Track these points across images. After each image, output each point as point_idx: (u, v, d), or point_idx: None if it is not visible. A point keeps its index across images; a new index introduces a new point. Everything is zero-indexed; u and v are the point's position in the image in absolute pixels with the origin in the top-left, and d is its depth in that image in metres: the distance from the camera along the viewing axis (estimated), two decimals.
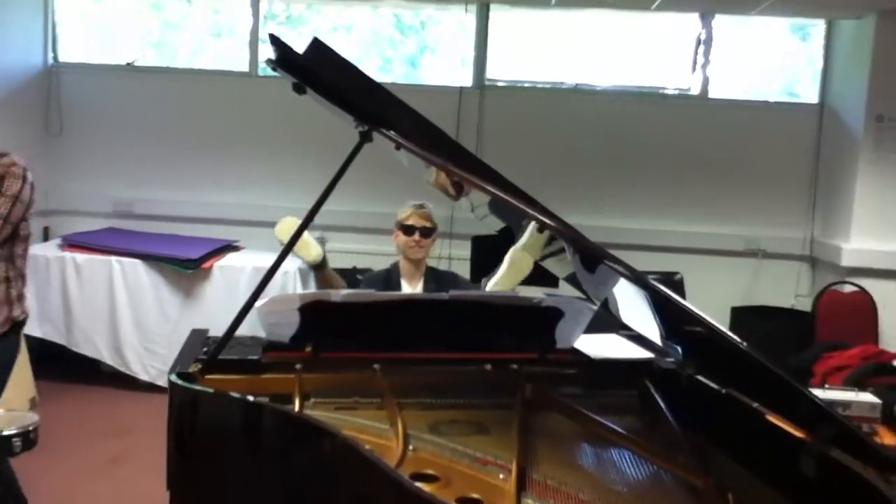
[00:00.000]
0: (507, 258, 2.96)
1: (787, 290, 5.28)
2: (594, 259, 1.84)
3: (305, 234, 3.17)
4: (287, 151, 5.42)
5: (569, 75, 5.53)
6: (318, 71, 1.89)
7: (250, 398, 1.98)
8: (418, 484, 1.70)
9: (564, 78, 5.54)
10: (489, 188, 1.84)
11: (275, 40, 1.88)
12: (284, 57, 1.88)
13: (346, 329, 2.31)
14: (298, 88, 1.95)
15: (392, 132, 1.92)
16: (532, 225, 2.50)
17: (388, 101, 1.94)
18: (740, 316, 5.11)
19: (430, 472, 1.81)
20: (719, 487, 1.74)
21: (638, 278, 1.67)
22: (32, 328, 4.71)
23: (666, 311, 1.92)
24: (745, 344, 1.55)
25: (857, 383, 3.87)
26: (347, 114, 1.98)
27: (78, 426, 4.22)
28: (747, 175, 5.32)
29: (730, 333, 1.69)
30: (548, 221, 1.81)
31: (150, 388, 4.68)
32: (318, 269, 3.33)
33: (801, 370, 4.22)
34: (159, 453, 2.09)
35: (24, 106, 5.34)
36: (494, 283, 3.06)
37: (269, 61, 1.92)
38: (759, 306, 5.19)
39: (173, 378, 2.02)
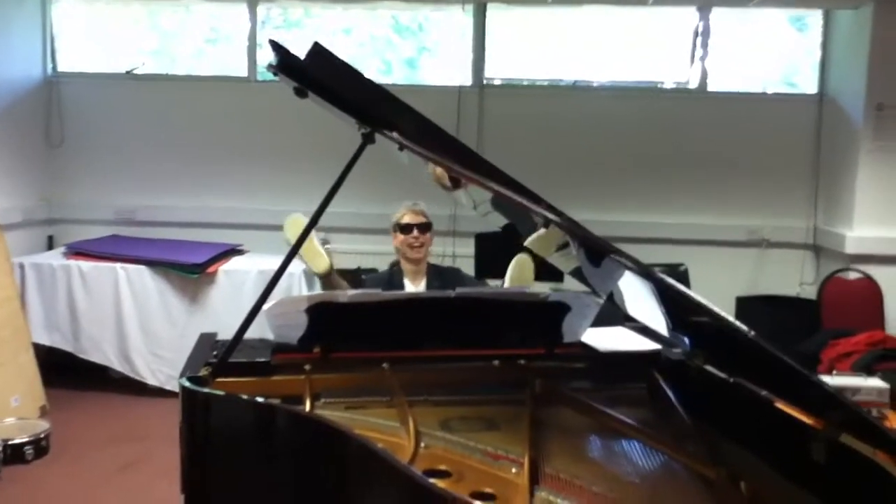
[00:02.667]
0: (509, 268, 2.97)
1: (792, 278, 5.29)
2: (600, 253, 1.84)
3: (316, 243, 3.20)
4: (288, 154, 5.43)
5: (567, 72, 5.53)
6: (319, 74, 1.90)
7: (260, 400, 2.00)
8: (431, 480, 1.71)
9: (563, 75, 5.54)
10: (494, 186, 1.85)
11: (275, 45, 1.89)
12: (285, 62, 1.89)
13: (353, 329, 2.33)
14: (300, 92, 1.96)
15: (394, 133, 1.93)
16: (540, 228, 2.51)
17: (389, 102, 1.95)
18: (746, 305, 5.12)
19: (442, 467, 1.83)
20: (731, 477, 1.75)
21: (645, 271, 1.68)
22: (40, 336, 4.74)
23: (672, 302, 1.92)
24: (752, 333, 1.55)
25: (865, 369, 3.88)
26: (349, 116, 1.99)
27: (89, 433, 4.23)
28: (749, 166, 5.32)
29: (737, 322, 1.69)
30: (553, 217, 1.82)
31: (160, 392, 4.69)
32: (325, 277, 3.34)
33: (808, 357, 4.23)
34: (172, 458, 2.11)
35: (24, 117, 5.35)
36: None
37: (269, 66, 1.93)
38: (765, 295, 5.20)
39: (184, 382, 2.03)
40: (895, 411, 3.11)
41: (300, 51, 1.92)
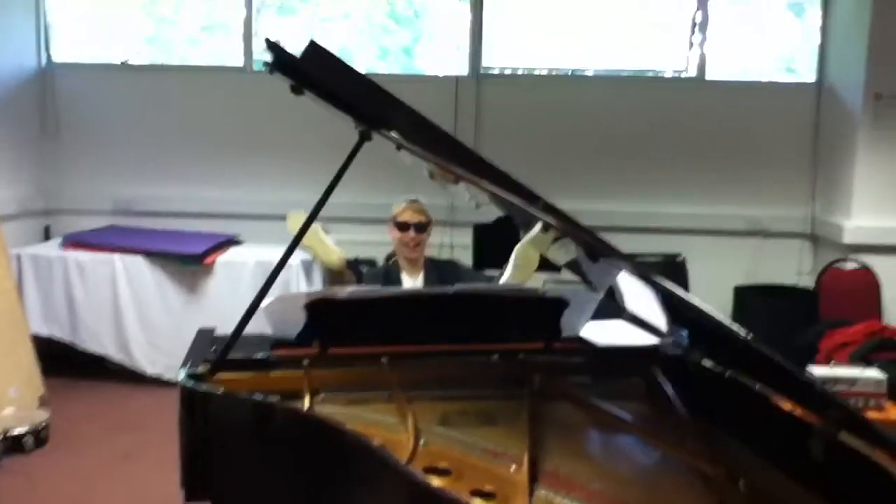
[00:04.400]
0: (513, 256, 2.95)
1: (790, 268, 5.29)
2: (600, 254, 1.84)
3: (326, 239, 3.18)
4: (285, 144, 5.41)
5: (565, 61, 5.51)
6: (315, 74, 1.89)
7: (260, 397, 2.00)
8: (431, 478, 1.72)
9: (561, 64, 5.52)
10: (492, 188, 1.84)
11: (271, 45, 1.87)
12: (281, 61, 1.88)
13: (352, 325, 2.33)
14: (296, 90, 1.95)
15: (392, 132, 1.92)
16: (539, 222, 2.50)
17: (386, 100, 1.93)
18: (743, 295, 5.13)
19: (442, 465, 1.83)
20: (730, 474, 1.75)
21: (643, 275, 1.68)
22: (38, 327, 4.74)
23: (671, 303, 1.92)
24: (750, 335, 1.55)
25: (863, 359, 3.89)
26: (346, 115, 1.99)
27: (88, 423, 4.24)
28: (747, 155, 5.31)
29: (733, 326, 1.69)
30: (551, 221, 1.82)
31: (158, 382, 4.70)
32: (339, 271, 3.27)
33: (805, 347, 4.23)
34: (170, 448, 2.11)
35: (19, 107, 5.32)
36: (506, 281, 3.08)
37: (265, 64, 1.92)
38: (762, 285, 5.20)
39: (184, 380, 2.03)
40: (893, 402, 3.13)
41: (296, 38, 1.90)
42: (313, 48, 1.86)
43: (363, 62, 5.53)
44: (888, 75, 4.80)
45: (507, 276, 3.03)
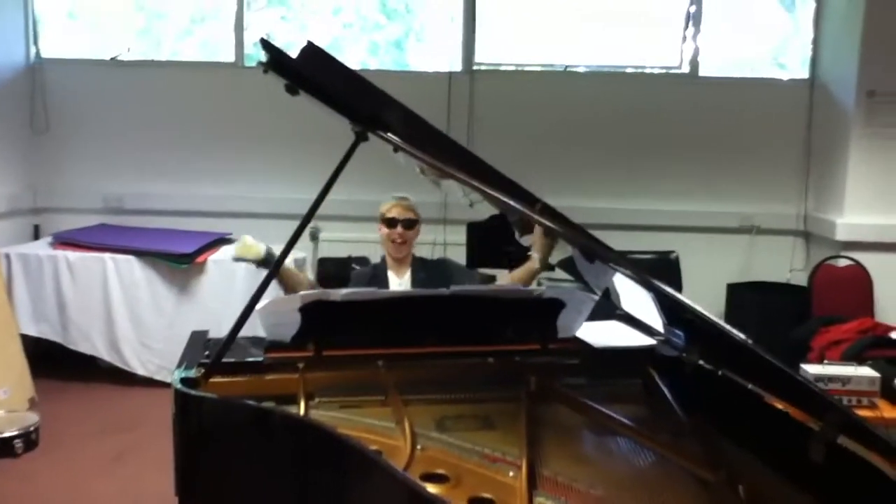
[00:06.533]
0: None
1: (782, 265, 5.30)
2: (598, 258, 1.82)
3: (247, 236, 3.12)
4: (277, 141, 5.38)
5: (558, 57, 5.49)
6: (311, 74, 1.86)
7: (254, 403, 1.98)
8: (429, 485, 1.70)
9: (554, 59, 5.50)
10: (489, 191, 1.82)
11: (266, 44, 1.85)
12: (277, 61, 1.85)
13: (347, 327, 2.31)
14: (292, 90, 1.92)
15: (388, 134, 1.91)
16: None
17: (383, 101, 1.91)
18: (736, 292, 5.13)
19: (440, 471, 1.82)
20: (730, 479, 1.74)
21: (644, 280, 1.67)
22: (28, 327, 4.70)
23: (668, 305, 1.91)
24: (749, 341, 1.54)
25: (856, 357, 3.89)
26: (342, 116, 1.97)
27: (79, 424, 4.21)
28: (740, 152, 5.31)
29: (730, 328, 1.68)
30: (548, 224, 1.80)
31: (149, 382, 4.67)
32: (264, 265, 3.12)
33: (798, 345, 4.24)
34: (163, 448, 2.10)
35: (8, 104, 5.26)
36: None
37: (260, 64, 1.89)
38: (755, 282, 5.20)
39: (177, 385, 2.01)
40: (886, 400, 3.12)
41: (284, 33, 1.88)
42: (311, 49, 1.84)
43: (354, 57, 5.50)
44: (881, 72, 4.80)
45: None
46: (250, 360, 2.26)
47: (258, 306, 2.19)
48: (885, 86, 4.80)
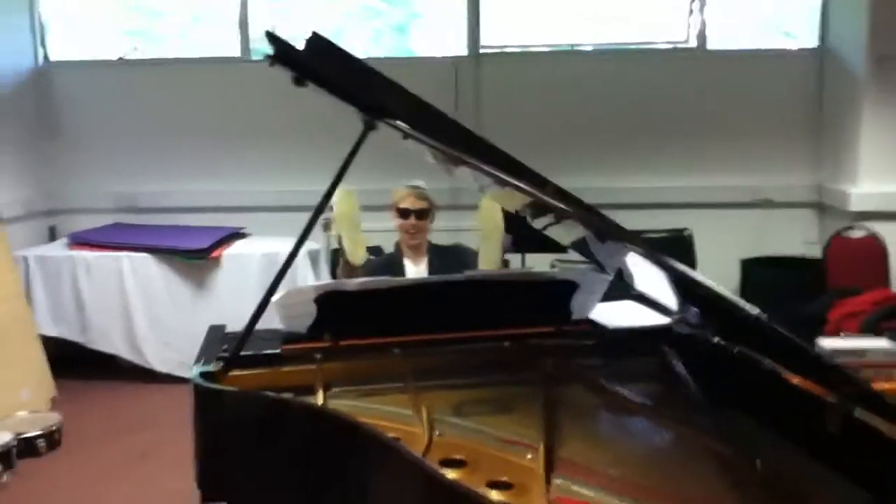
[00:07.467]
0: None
1: (796, 238, 5.25)
2: (610, 238, 1.82)
3: (360, 229, 3.16)
4: (286, 134, 5.38)
5: (564, 36, 5.45)
6: (318, 65, 1.86)
7: (274, 395, 2.00)
8: (446, 470, 1.71)
9: (560, 40, 5.47)
10: (504, 176, 1.82)
11: (272, 37, 1.85)
12: (283, 53, 1.85)
13: (363, 316, 2.32)
14: (299, 82, 1.92)
15: (397, 122, 1.91)
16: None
17: (390, 89, 1.91)
18: (750, 267, 5.10)
19: (458, 457, 1.83)
20: (747, 454, 1.74)
21: (657, 259, 1.67)
22: (48, 328, 4.74)
23: (681, 283, 1.91)
24: (765, 316, 1.54)
25: (872, 329, 3.88)
26: (351, 105, 1.97)
27: (100, 423, 4.25)
28: (750, 125, 5.26)
29: (744, 303, 1.68)
30: (560, 205, 1.80)
31: (169, 379, 4.70)
32: (353, 268, 3.23)
33: (814, 318, 4.22)
34: (185, 446, 2.11)
35: (18, 107, 5.29)
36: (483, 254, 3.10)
37: (267, 57, 1.90)
38: (769, 256, 5.17)
39: (197, 379, 2.03)
40: None
41: (286, 22, 1.88)
42: (316, 39, 1.84)
43: (356, 45, 5.48)
44: (892, 36, 4.71)
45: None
46: (268, 352, 2.27)
47: (274, 299, 2.20)
48: None
